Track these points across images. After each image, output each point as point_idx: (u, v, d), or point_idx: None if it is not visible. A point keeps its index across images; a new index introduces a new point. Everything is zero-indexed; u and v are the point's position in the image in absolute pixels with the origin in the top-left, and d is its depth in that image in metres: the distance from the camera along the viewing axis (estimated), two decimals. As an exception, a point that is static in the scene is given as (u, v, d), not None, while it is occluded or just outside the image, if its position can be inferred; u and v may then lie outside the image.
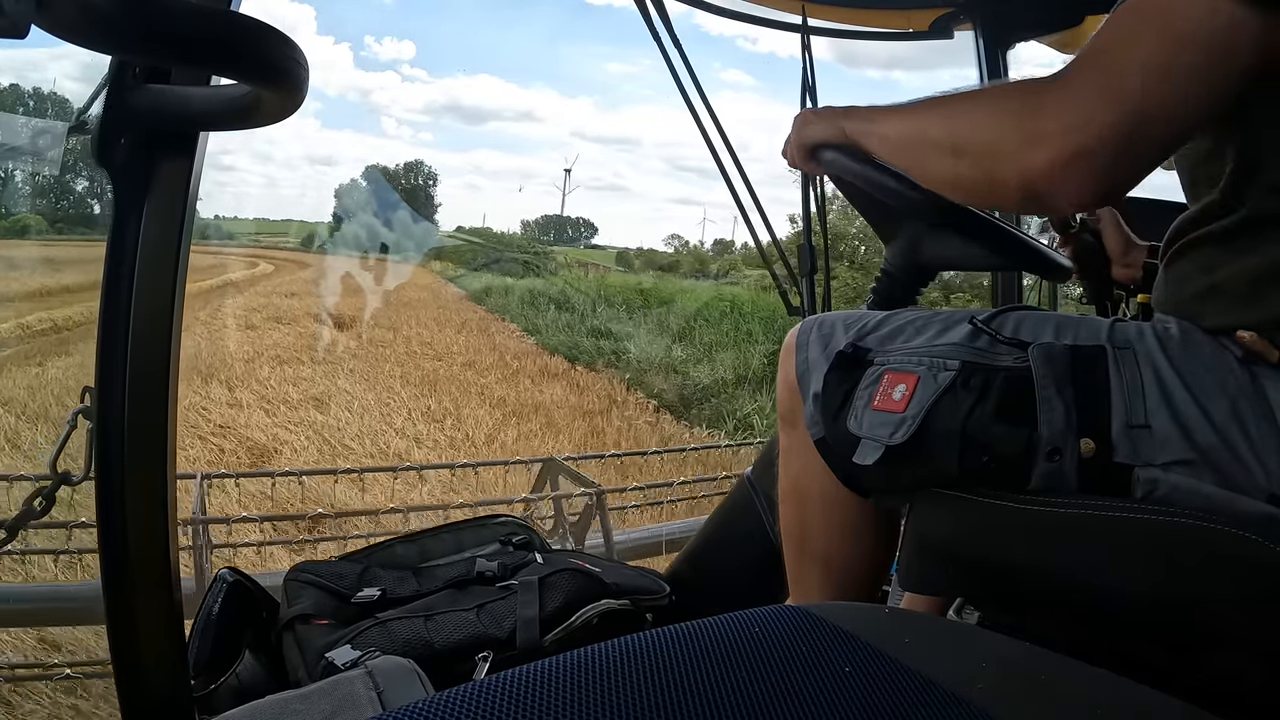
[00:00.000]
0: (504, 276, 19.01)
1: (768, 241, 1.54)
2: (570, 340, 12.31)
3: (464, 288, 18.27)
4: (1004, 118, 0.59)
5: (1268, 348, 0.58)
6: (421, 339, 11.99)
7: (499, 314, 14.98)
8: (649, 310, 14.29)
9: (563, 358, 11.42)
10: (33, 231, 15.77)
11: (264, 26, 0.54)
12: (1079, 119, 0.53)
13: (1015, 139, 0.57)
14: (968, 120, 0.63)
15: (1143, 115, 0.52)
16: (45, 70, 21.23)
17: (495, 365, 10.56)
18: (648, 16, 1.40)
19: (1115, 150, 0.53)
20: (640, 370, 10.61)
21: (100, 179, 11.07)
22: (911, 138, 0.69)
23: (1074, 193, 0.55)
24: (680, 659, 0.37)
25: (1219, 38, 0.51)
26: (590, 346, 11.92)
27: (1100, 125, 0.53)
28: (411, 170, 35.08)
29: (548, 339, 12.61)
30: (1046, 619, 0.64)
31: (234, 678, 0.95)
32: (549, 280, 18.44)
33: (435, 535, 1.29)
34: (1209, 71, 0.52)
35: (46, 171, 1.12)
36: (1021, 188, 0.57)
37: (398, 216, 21.15)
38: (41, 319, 9.97)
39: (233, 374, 8.61)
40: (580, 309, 14.43)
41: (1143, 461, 0.58)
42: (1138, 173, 0.55)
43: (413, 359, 10.63)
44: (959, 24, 1.61)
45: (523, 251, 24.25)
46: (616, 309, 14.52)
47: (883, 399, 0.68)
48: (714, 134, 1.46)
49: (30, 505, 0.76)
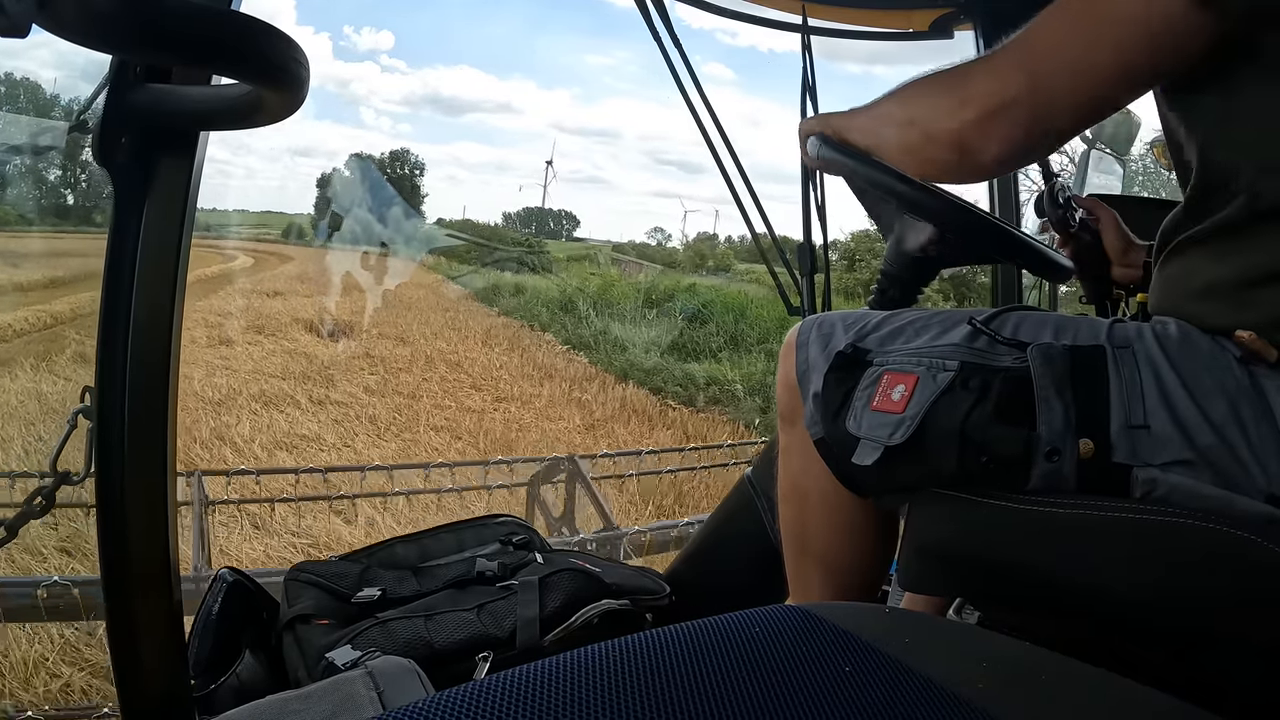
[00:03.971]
0: (509, 274, 17.14)
1: (773, 241, 1.54)
2: (637, 361, 9.42)
3: (467, 286, 16.31)
4: (941, 88, 0.69)
5: (1266, 347, 0.58)
6: (445, 356, 9.57)
7: (521, 319, 12.50)
8: (722, 322, 11.29)
9: (638, 386, 8.64)
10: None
11: (265, 26, 0.54)
12: (997, 84, 0.63)
13: (948, 103, 0.66)
14: (916, 96, 0.73)
15: (1049, 78, 0.61)
16: (20, 60, 20.71)
17: (562, 401, 8.04)
18: (648, 16, 1.40)
19: (1029, 107, 0.61)
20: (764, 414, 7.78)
21: (71, 169, 10.51)
22: (877, 119, 0.77)
23: (996, 145, 0.64)
24: (680, 659, 0.37)
25: (1157, 18, 0.57)
26: (677, 372, 8.96)
27: (1014, 87, 0.62)
28: (398, 159, 34.01)
29: (605, 359, 9.90)
30: (1046, 619, 0.64)
31: (234, 677, 0.95)
32: (562, 278, 15.97)
33: (435, 535, 1.29)
34: (1135, 50, 0.58)
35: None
36: (953, 145, 0.66)
37: (386, 208, 20.16)
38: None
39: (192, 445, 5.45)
40: (629, 316, 11.81)
41: (1141, 462, 0.58)
42: (1051, 131, 0.64)
43: (447, 390, 8.12)
44: (959, 24, 1.61)
45: (516, 245, 23.39)
46: (673, 318, 11.63)
47: (882, 399, 0.68)
48: (714, 135, 1.46)
49: (30, 504, 0.76)
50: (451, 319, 12.44)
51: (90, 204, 15.15)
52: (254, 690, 0.90)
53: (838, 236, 9.67)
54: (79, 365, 7.01)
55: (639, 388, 8.68)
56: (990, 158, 0.65)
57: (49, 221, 14.39)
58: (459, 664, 0.95)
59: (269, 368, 8.39)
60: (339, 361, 8.98)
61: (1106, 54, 0.59)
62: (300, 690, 0.77)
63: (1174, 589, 0.55)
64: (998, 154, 0.64)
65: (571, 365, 9.81)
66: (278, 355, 8.98)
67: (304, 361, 8.78)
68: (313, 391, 7.63)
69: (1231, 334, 0.60)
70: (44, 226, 14.26)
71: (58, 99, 15.04)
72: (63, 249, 13.38)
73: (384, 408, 7.32)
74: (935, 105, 0.69)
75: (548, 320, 12.21)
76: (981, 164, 0.66)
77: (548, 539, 1.36)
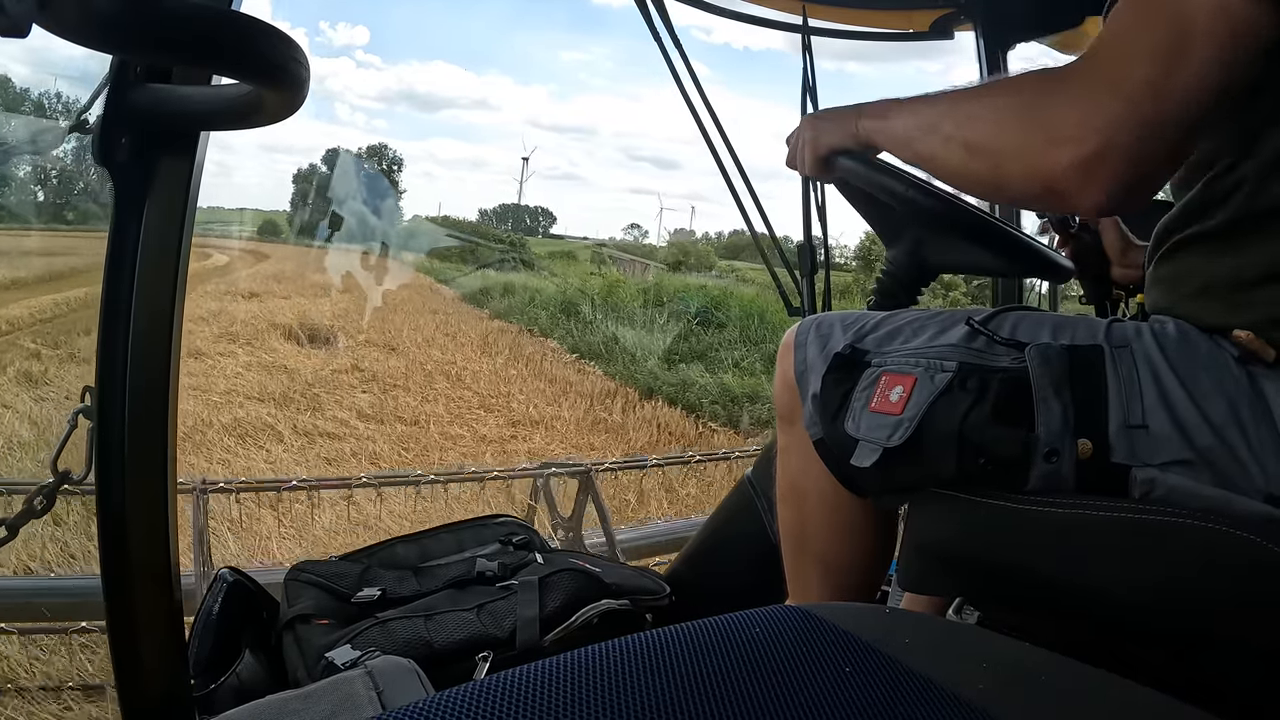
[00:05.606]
0: (494, 272, 16.44)
1: (773, 241, 1.54)
2: (661, 374, 8.27)
3: (456, 286, 15.22)
4: (1019, 117, 0.59)
5: (1264, 347, 0.58)
6: (443, 369, 8.53)
7: (517, 322, 11.52)
8: (746, 327, 10.29)
9: (668, 403, 7.48)
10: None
11: (265, 26, 0.54)
12: (1098, 119, 0.53)
13: (1034, 140, 0.56)
14: (982, 118, 0.63)
15: (1158, 112, 0.52)
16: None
17: (585, 424, 6.98)
18: (648, 16, 1.41)
19: (1136, 147, 0.52)
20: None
21: (45, 165, 9.67)
22: (926, 136, 0.68)
23: (1097, 192, 0.54)
24: (680, 659, 0.37)
25: (1227, 30, 0.51)
26: (711, 386, 7.84)
27: (1118, 123, 0.52)
28: (375, 155, 33.84)
29: (624, 371, 8.76)
30: (1046, 619, 0.64)
31: (234, 677, 0.95)
32: (562, 277, 15.15)
33: (435, 535, 1.29)
34: (1219, 64, 0.51)
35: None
36: (1043, 189, 0.57)
37: (364, 203, 19.43)
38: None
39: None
40: (639, 319, 10.93)
41: (1140, 462, 0.58)
42: (1159, 170, 0.55)
43: (454, 413, 7.00)
44: (959, 24, 1.62)
45: (499, 243, 22.64)
46: (686, 321, 10.62)
47: (880, 401, 0.68)
48: (715, 135, 1.46)
49: (31, 504, 0.76)
50: (443, 323, 11.55)
51: (61, 201, 14.58)
52: (254, 690, 0.90)
53: (848, 239, 9.46)
54: (22, 386, 6.16)
55: (670, 405, 7.62)
56: (1090, 204, 0.56)
57: (16, 220, 13.58)
58: (459, 664, 0.95)
59: (245, 386, 7.23)
60: (324, 377, 7.79)
61: (1213, 76, 0.51)
62: (300, 690, 0.77)
63: (1173, 589, 0.55)
64: (1099, 201, 0.55)
65: (586, 378, 8.81)
66: (254, 370, 7.81)
67: (284, 379, 7.55)
68: (297, 420, 6.46)
69: (1229, 333, 0.60)
70: (10, 225, 13.36)
71: (28, 93, 14.80)
72: (30, 248, 11.81)
73: (386, 441, 6.25)
74: (1012, 137, 0.59)
75: (548, 325, 11.28)
76: (1076, 209, 0.59)
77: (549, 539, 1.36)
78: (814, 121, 0.84)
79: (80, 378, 5.70)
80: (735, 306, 11.32)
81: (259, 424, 6.18)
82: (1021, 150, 0.58)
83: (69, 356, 6.69)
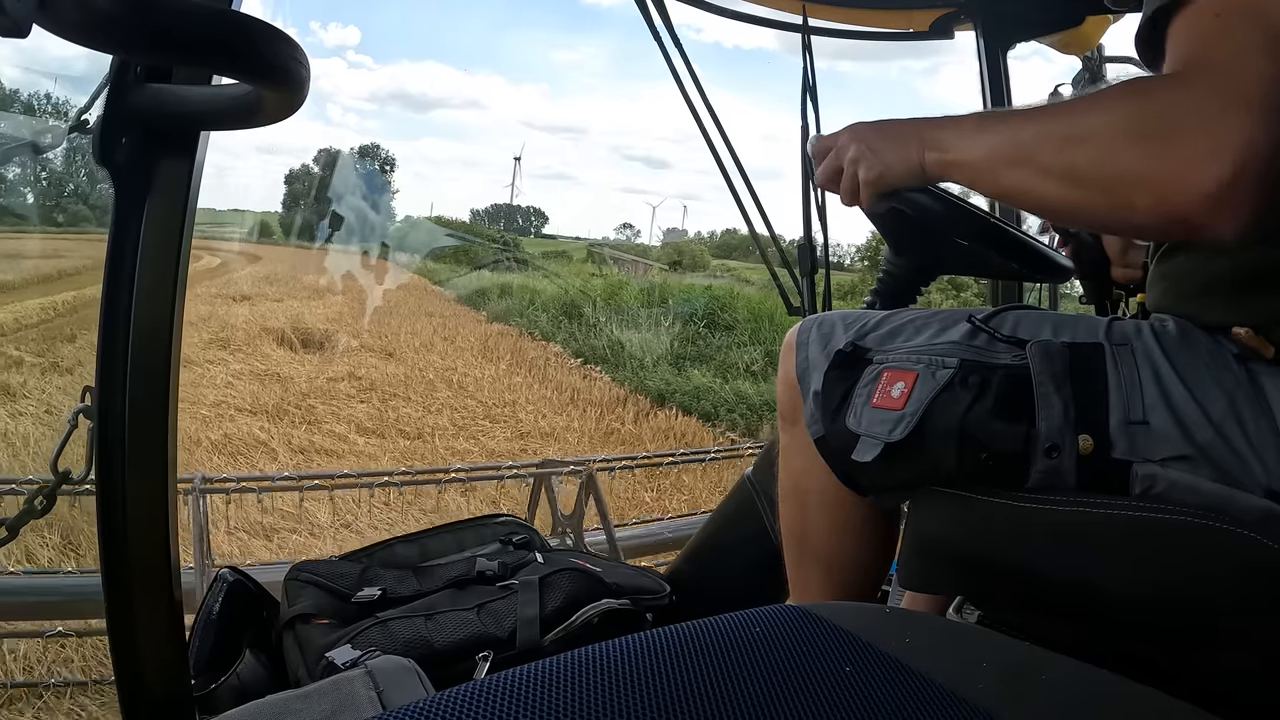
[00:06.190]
0: (489, 273, 16.08)
1: (774, 241, 1.54)
2: (672, 380, 7.78)
3: (451, 287, 14.85)
4: (1138, 141, 0.52)
5: (1263, 344, 0.58)
6: (444, 376, 8.10)
7: (516, 325, 11.07)
8: (757, 330, 9.73)
9: (682, 411, 6.98)
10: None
11: (265, 26, 0.54)
12: (1228, 139, 0.48)
13: (1163, 167, 0.50)
14: (1088, 143, 0.55)
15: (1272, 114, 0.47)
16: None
17: (598, 435, 6.49)
18: (648, 16, 1.41)
19: (1263, 164, 0.48)
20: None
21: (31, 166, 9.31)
22: (1014, 170, 0.61)
23: (1235, 219, 0.49)
24: (680, 659, 0.37)
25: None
26: (726, 393, 7.37)
27: (1251, 141, 0.47)
28: (367, 155, 33.63)
29: (633, 377, 8.24)
30: (1046, 618, 0.64)
31: (234, 677, 0.95)
32: (555, 278, 14.67)
33: (435, 535, 1.29)
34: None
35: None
36: (1176, 219, 0.51)
37: (357, 203, 18.88)
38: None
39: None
40: (645, 323, 10.26)
41: (1141, 458, 0.58)
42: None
43: (459, 425, 6.49)
44: (959, 24, 1.62)
45: (493, 243, 22.34)
46: (694, 324, 9.93)
47: (882, 396, 0.69)
48: (715, 136, 1.46)
49: (31, 504, 0.76)
50: (440, 326, 11.11)
51: (52, 202, 14.25)
52: (254, 690, 0.90)
53: (852, 238, 9.34)
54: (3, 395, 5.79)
55: (684, 414, 7.16)
56: (1231, 232, 0.50)
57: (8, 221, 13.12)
58: (459, 664, 0.96)
59: (235, 397, 6.76)
60: (319, 386, 7.28)
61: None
62: (300, 690, 0.77)
63: (1173, 585, 0.55)
64: (1238, 228, 0.50)
65: (593, 384, 8.31)
66: (245, 379, 7.35)
67: (278, 388, 7.06)
68: (291, 435, 5.99)
69: (1229, 331, 0.60)
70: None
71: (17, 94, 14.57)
72: (12, 250, 11.40)
73: (388, 458, 5.74)
74: (1135, 164, 0.52)
75: (550, 328, 10.77)
76: (1217, 238, 0.52)
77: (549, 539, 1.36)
78: (864, 146, 0.74)
79: (62, 388, 5.58)
80: (742, 308, 10.93)
81: (251, 440, 5.79)
82: (1145, 179, 0.51)
83: (52, 366, 6.30)
